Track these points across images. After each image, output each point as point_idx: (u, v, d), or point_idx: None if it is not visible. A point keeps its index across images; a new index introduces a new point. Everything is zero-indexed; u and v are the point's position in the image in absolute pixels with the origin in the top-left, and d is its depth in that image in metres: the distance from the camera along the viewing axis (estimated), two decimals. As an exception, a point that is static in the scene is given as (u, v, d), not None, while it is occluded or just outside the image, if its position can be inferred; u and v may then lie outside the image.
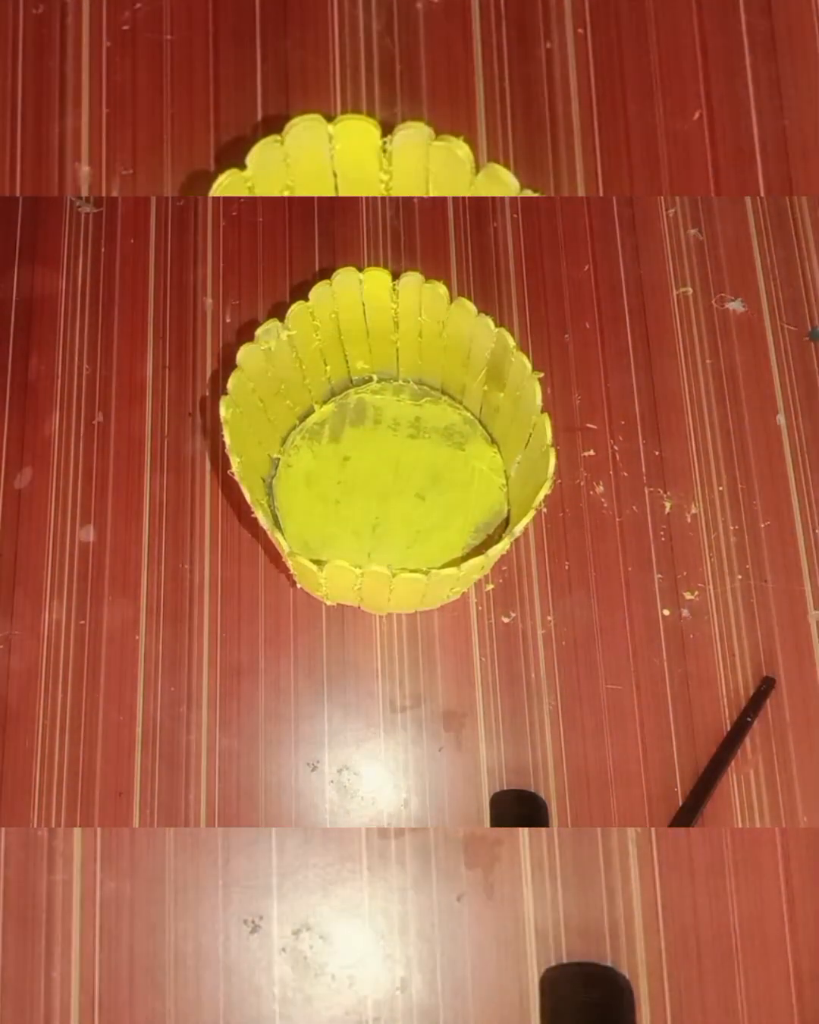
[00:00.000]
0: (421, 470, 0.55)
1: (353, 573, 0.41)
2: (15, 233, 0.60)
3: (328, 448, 0.55)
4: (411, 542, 0.53)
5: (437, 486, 0.54)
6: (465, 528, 0.54)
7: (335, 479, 0.55)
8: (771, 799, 0.52)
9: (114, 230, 0.60)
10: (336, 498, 0.54)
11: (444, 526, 0.54)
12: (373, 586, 0.44)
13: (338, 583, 0.45)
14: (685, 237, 0.61)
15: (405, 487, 0.54)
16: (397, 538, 0.54)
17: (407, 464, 0.55)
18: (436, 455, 0.55)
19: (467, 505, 0.54)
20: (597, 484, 0.56)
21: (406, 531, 0.54)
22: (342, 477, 0.55)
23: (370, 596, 0.48)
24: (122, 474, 0.57)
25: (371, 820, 0.52)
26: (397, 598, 0.47)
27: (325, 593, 0.49)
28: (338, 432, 0.56)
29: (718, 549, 0.56)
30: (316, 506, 0.54)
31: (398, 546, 0.53)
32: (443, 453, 0.55)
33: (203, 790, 0.52)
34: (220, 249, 0.60)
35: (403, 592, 0.45)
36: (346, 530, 0.54)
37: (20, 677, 0.54)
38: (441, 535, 0.54)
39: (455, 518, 0.54)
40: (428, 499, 0.54)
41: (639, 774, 0.52)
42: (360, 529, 0.54)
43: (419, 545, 0.53)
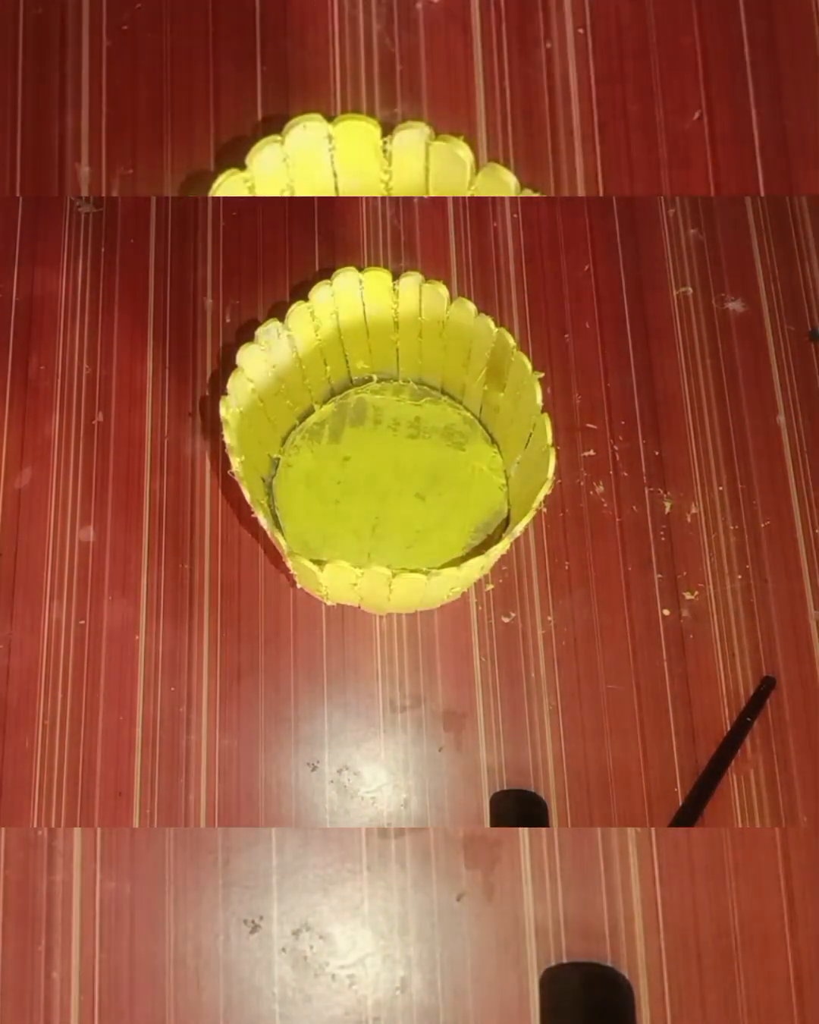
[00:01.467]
0: (421, 470, 0.55)
1: (353, 573, 0.41)
2: (15, 233, 0.60)
3: (328, 448, 0.55)
4: (411, 542, 0.53)
5: (437, 486, 0.54)
6: (465, 528, 0.54)
7: (335, 479, 0.55)
8: (771, 799, 0.52)
9: (114, 230, 0.60)
10: (336, 498, 0.54)
11: (444, 526, 0.54)
12: (373, 586, 0.44)
13: (338, 583, 0.45)
14: (685, 237, 0.61)
15: (405, 487, 0.54)
16: (397, 538, 0.53)
17: (407, 464, 0.55)
18: (436, 455, 0.55)
19: (467, 505, 0.54)
20: (597, 484, 0.56)
21: (406, 531, 0.54)
22: (342, 477, 0.55)
23: (370, 596, 0.48)
24: (122, 474, 0.57)
25: (371, 820, 0.52)
26: (397, 598, 0.47)
27: (325, 593, 0.49)
28: (338, 432, 0.56)
29: (718, 549, 0.56)
30: (316, 506, 0.54)
31: (398, 546, 0.53)
32: (443, 453, 0.55)
33: (203, 790, 0.52)
34: (220, 249, 0.60)
35: (403, 592, 0.45)
36: (346, 530, 0.54)
37: (20, 677, 0.54)
38: (441, 535, 0.54)
39: (455, 518, 0.54)
40: (428, 499, 0.54)
41: (639, 774, 0.52)
42: (360, 529, 0.54)
43: (419, 545, 0.53)
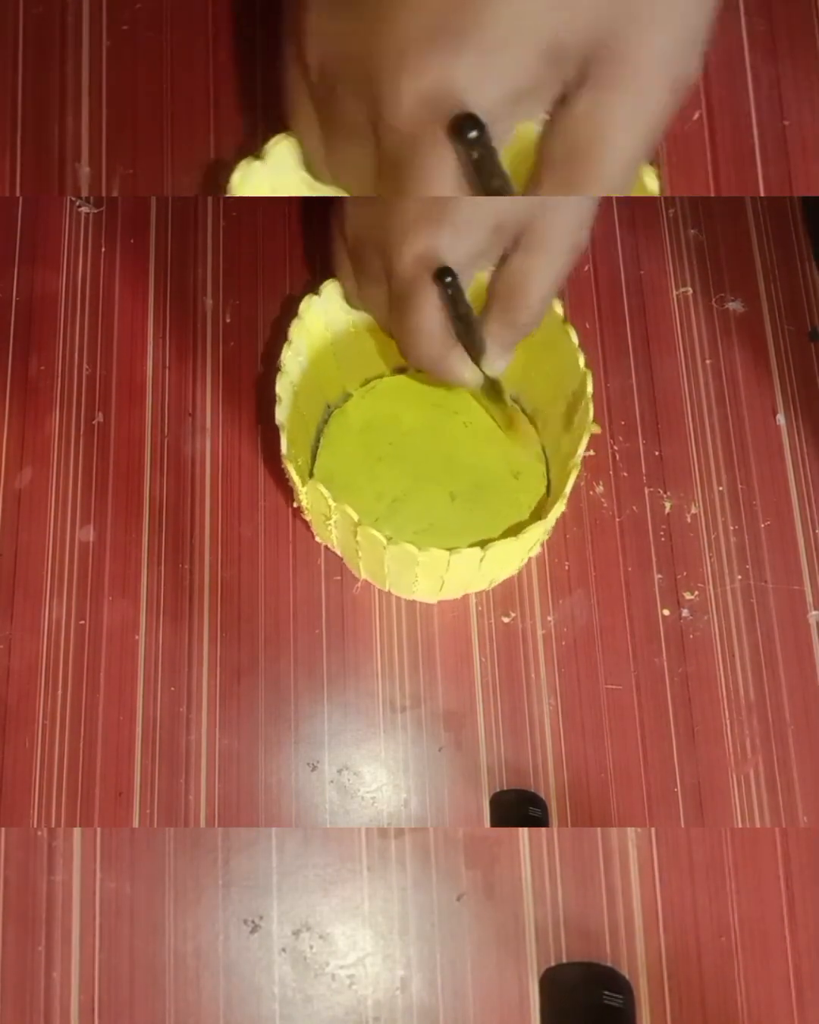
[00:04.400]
0: (468, 475, 0.54)
1: (380, 543, 0.41)
2: (15, 233, 0.60)
3: (393, 410, 0.55)
4: (420, 531, 0.53)
5: (473, 497, 0.53)
6: (467, 543, 0.53)
7: (388, 439, 0.54)
8: (771, 799, 0.52)
9: (114, 230, 0.60)
10: (379, 455, 0.54)
11: (457, 533, 0.53)
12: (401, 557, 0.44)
13: (369, 551, 0.45)
14: (685, 237, 0.61)
15: (445, 480, 0.54)
16: (410, 520, 0.53)
17: (460, 463, 0.54)
18: (490, 470, 0.54)
19: (487, 528, 0.53)
20: (597, 484, 0.57)
21: (420, 519, 0.53)
22: (395, 440, 0.54)
23: (396, 573, 0.48)
24: (122, 474, 0.57)
25: (371, 820, 0.52)
26: (450, 578, 0.47)
27: (333, 536, 0.49)
28: (408, 400, 0.55)
29: (718, 549, 0.56)
30: (358, 450, 0.54)
31: (406, 528, 0.53)
32: (497, 472, 0.54)
33: (203, 790, 0.52)
34: (220, 249, 0.60)
35: (456, 569, 0.45)
36: (371, 489, 0.53)
37: (20, 677, 0.54)
38: (448, 540, 0.53)
39: (468, 533, 0.53)
40: (457, 502, 0.53)
41: (639, 774, 0.52)
42: (383, 494, 0.53)
43: (425, 537, 0.53)
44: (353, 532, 0.45)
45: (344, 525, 0.45)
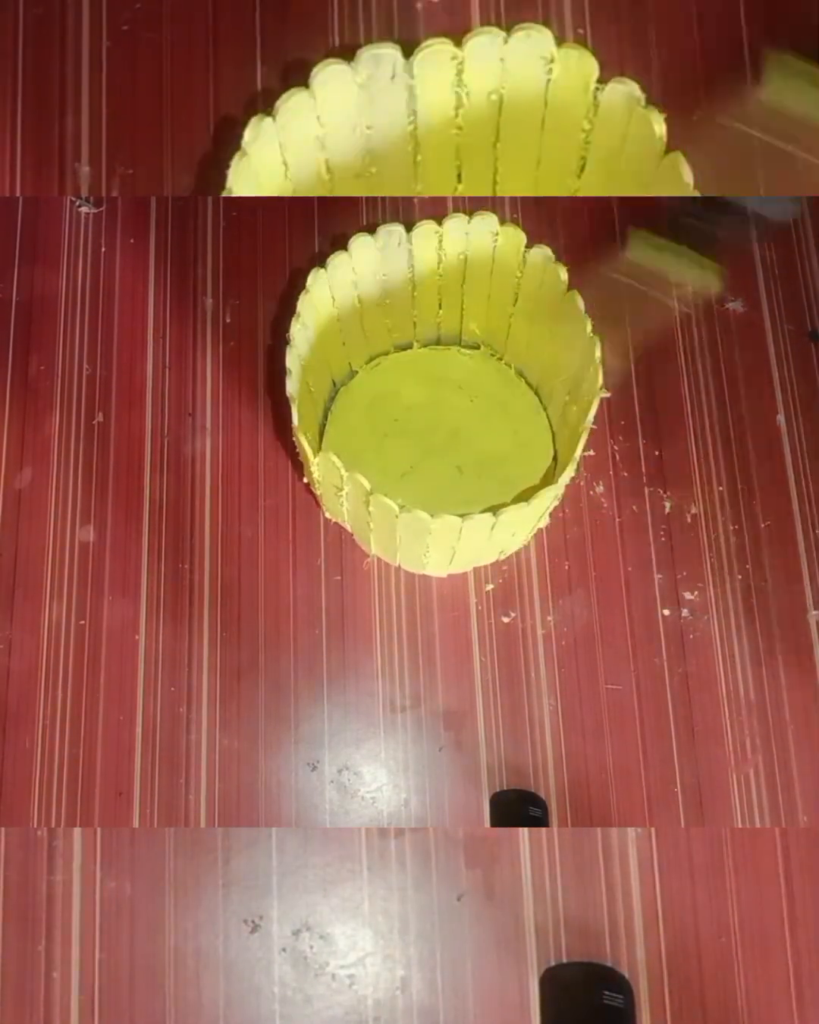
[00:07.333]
0: (474, 450, 0.54)
1: (392, 511, 0.42)
2: (15, 233, 0.60)
3: (398, 385, 0.55)
4: (429, 504, 0.53)
5: (479, 469, 0.54)
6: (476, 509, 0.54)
7: (393, 416, 0.55)
8: (771, 799, 0.52)
9: (114, 230, 0.60)
10: (385, 432, 0.54)
11: (465, 503, 0.53)
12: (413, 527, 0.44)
13: (381, 522, 0.46)
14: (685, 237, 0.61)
15: (451, 454, 0.54)
16: (420, 494, 0.54)
17: (465, 437, 0.54)
18: (499, 443, 0.55)
19: (496, 498, 0.54)
20: (597, 484, 0.56)
21: (430, 493, 0.54)
22: (400, 416, 0.55)
23: (407, 543, 0.48)
24: (122, 474, 0.57)
25: (371, 820, 0.52)
26: (461, 547, 0.47)
27: (344, 509, 0.50)
28: (414, 376, 0.56)
29: (718, 549, 0.56)
30: (365, 426, 0.55)
31: (417, 502, 0.54)
32: (505, 444, 0.55)
33: (203, 790, 0.52)
34: (220, 249, 0.60)
35: (468, 537, 0.45)
36: (378, 464, 0.54)
37: (20, 677, 0.54)
38: (457, 511, 0.54)
39: (477, 502, 0.54)
40: (465, 474, 0.54)
41: (639, 774, 0.52)
42: (390, 470, 0.54)
43: (434, 507, 0.53)
44: (365, 503, 0.45)
45: (355, 496, 0.46)
